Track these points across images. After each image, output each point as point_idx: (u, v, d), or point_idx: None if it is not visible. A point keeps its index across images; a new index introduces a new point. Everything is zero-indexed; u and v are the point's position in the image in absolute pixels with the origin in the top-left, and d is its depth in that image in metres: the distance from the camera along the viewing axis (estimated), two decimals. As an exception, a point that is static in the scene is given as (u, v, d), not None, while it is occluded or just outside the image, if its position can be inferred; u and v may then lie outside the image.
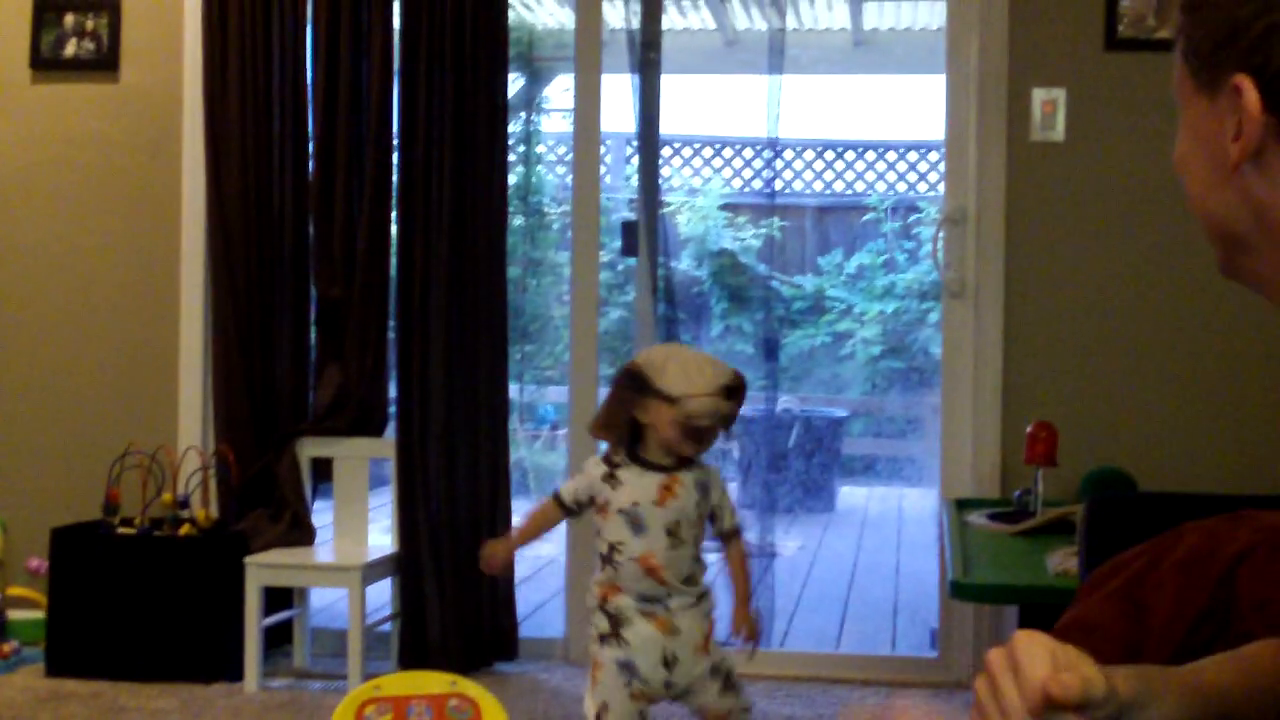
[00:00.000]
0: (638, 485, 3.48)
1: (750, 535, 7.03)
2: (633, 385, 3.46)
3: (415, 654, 4.94)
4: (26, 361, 5.39)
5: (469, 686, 1.90)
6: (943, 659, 5.07)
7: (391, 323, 5.12)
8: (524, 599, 5.49)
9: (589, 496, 3.54)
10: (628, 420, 3.48)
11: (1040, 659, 1.18)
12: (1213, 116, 1.17)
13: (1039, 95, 4.92)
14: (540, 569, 7.04)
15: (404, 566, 5.02)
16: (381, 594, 5.11)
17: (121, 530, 4.94)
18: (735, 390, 3.47)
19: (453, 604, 5.00)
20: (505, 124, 5.12)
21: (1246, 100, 1.12)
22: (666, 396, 3.40)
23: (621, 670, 3.42)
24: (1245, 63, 1.14)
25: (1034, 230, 4.95)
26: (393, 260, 5.10)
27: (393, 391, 5.14)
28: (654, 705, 3.52)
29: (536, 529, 3.71)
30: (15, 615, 5.10)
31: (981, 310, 4.97)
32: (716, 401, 3.41)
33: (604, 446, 3.66)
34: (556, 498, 3.60)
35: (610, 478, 3.50)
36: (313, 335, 5.20)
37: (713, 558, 3.65)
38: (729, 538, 3.59)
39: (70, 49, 5.34)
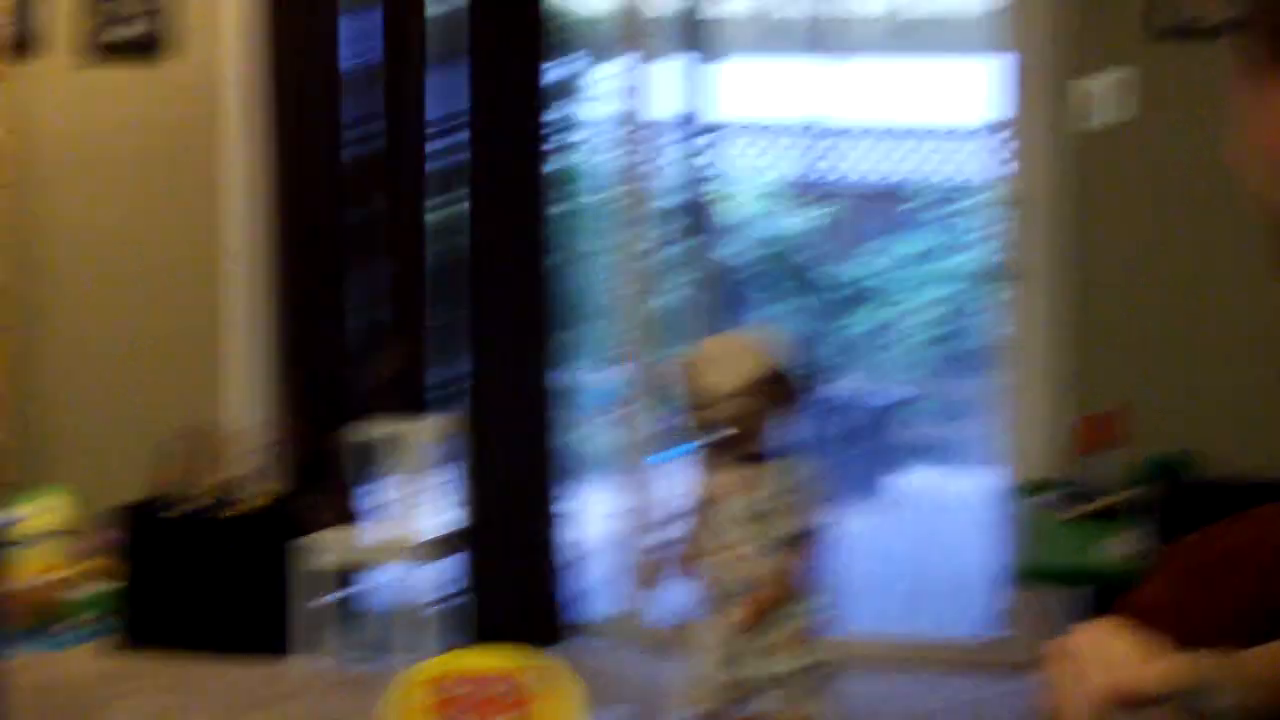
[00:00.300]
0: (721, 479, 3.40)
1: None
2: (680, 382, 3.45)
3: (481, 630, 4.96)
4: (95, 340, 5.44)
5: (531, 665, 1.91)
6: (1006, 641, 5.05)
7: (455, 301, 5.13)
8: (579, 579, 5.49)
9: (691, 489, 3.47)
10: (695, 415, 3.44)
11: (1124, 647, 1.17)
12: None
13: (1102, 76, 4.87)
14: (595, 549, 7.04)
15: (463, 546, 5.05)
16: (442, 573, 5.13)
17: (181, 508, 4.98)
18: (765, 385, 3.36)
19: (507, 584, 5.02)
20: (553, 108, 5.12)
21: None
22: (702, 395, 3.38)
23: (703, 656, 3.38)
24: None
25: (1094, 213, 4.91)
26: (458, 240, 5.11)
27: (456, 370, 5.15)
28: (736, 698, 3.39)
29: (677, 531, 3.53)
30: (83, 590, 5.15)
31: (1043, 294, 4.94)
32: (736, 403, 3.33)
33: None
34: (679, 495, 3.52)
35: (705, 469, 3.45)
36: (371, 317, 5.22)
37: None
38: (800, 537, 3.38)
39: (116, 34, 5.37)
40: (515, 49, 5.01)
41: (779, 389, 3.40)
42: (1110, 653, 1.17)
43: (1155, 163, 4.88)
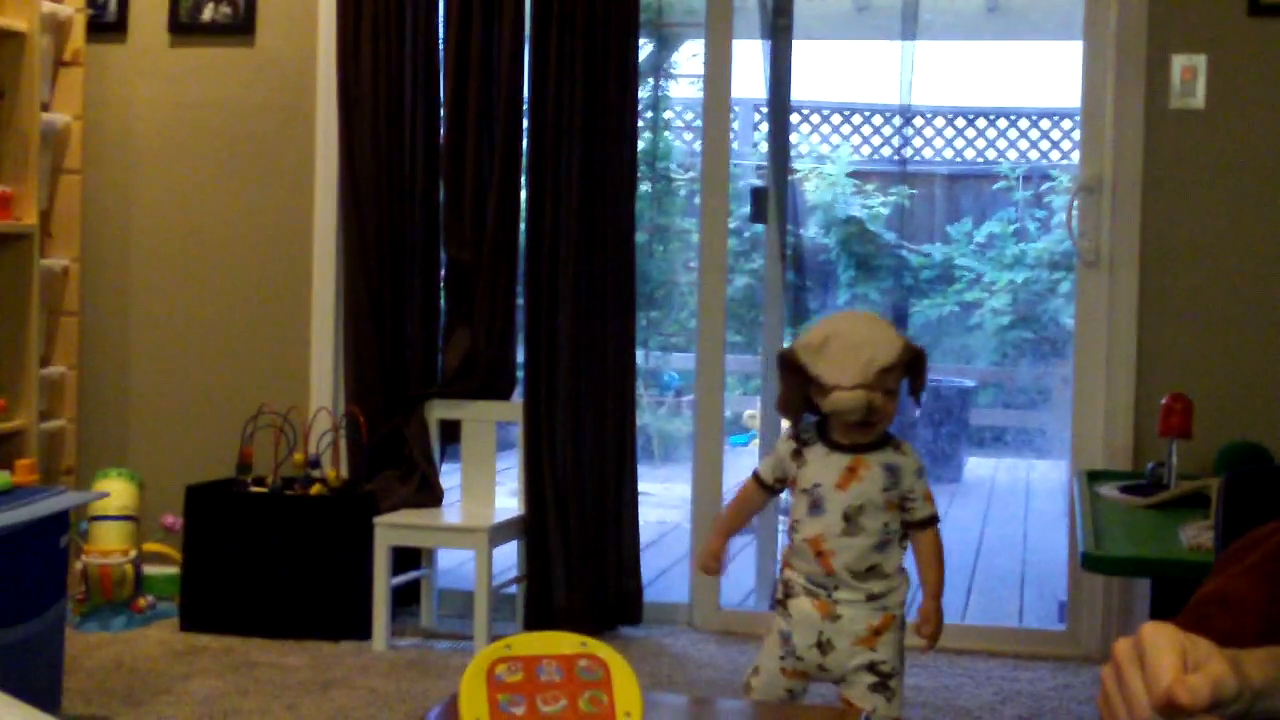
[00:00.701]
0: (822, 465, 3.27)
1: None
2: (789, 368, 3.27)
3: (540, 616, 4.98)
4: (163, 322, 5.49)
5: (599, 648, 1.90)
6: (1071, 632, 5.02)
7: (520, 287, 5.15)
8: (649, 564, 5.51)
9: (784, 473, 3.35)
10: (801, 400, 3.28)
11: (1169, 655, 1.14)
12: None
13: (1179, 62, 4.83)
14: (665, 534, 7.07)
15: (530, 529, 5.06)
16: (508, 556, 5.15)
17: (254, 489, 5.02)
18: (907, 366, 3.25)
19: (578, 567, 5.03)
20: (635, 89, 5.12)
21: None
22: (819, 384, 3.22)
23: (782, 641, 3.31)
24: None
25: (1171, 199, 4.86)
26: (522, 225, 5.12)
27: (520, 355, 5.17)
28: (809, 684, 3.37)
29: (742, 513, 3.53)
30: (151, 570, 5.20)
31: (1116, 280, 4.90)
32: (862, 396, 3.17)
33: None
34: (756, 477, 3.41)
35: (797, 455, 3.31)
36: (442, 298, 5.24)
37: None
38: (918, 527, 3.31)
39: (208, 14, 5.41)
40: (601, 28, 5.00)
41: (915, 372, 3.29)
42: (1159, 659, 1.14)
43: (1232, 147, 4.82)
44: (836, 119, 11.07)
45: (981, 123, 10.97)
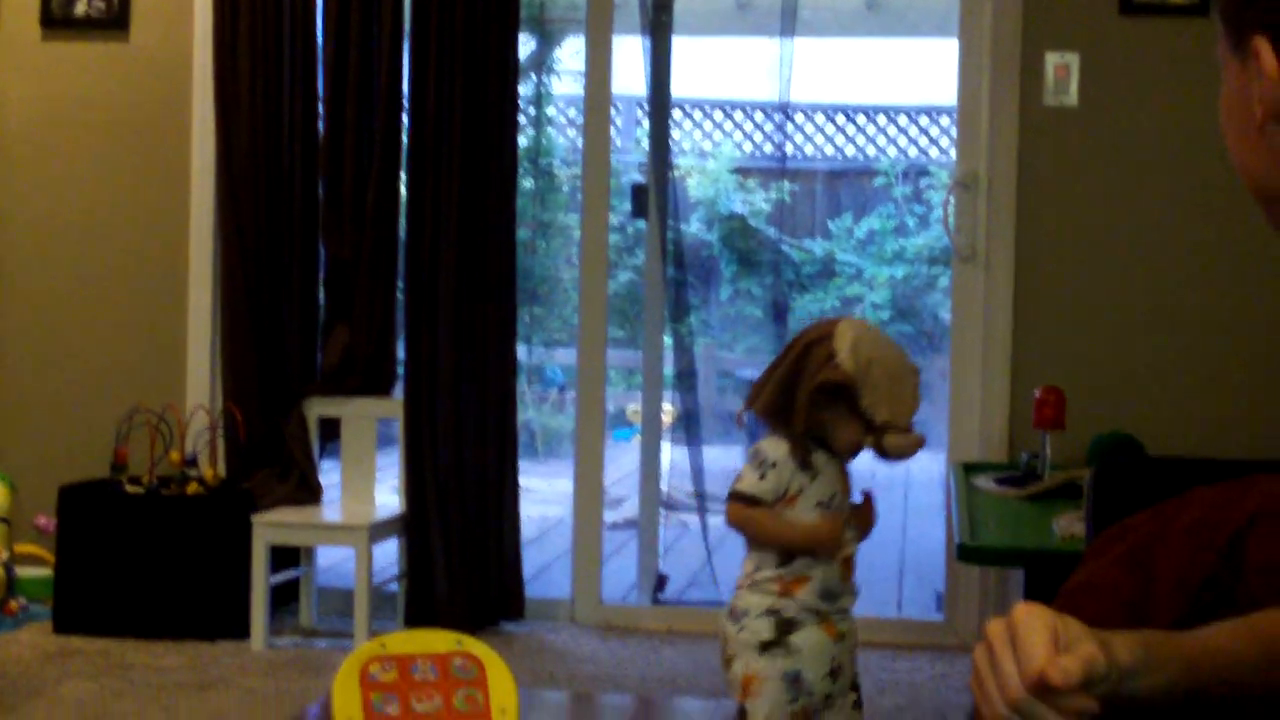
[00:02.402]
0: (831, 475, 3.03)
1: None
2: (832, 392, 2.94)
3: (421, 613, 4.96)
4: (35, 319, 5.39)
5: (474, 645, 1.90)
6: (949, 622, 5.08)
7: (400, 283, 5.12)
8: (531, 559, 5.50)
9: (784, 492, 3.00)
10: (813, 418, 2.97)
11: (1040, 635, 1.16)
12: (1243, 78, 1.16)
13: (1052, 60, 4.90)
14: (548, 530, 7.06)
15: (411, 526, 5.03)
16: (388, 553, 5.12)
17: (129, 488, 4.95)
18: None
19: (459, 564, 5.01)
20: (515, 85, 5.11)
21: (1264, 62, 1.11)
22: (869, 421, 2.96)
23: (788, 685, 2.96)
24: (1262, 23, 1.13)
25: (1046, 195, 4.94)
26: (402, 221, 5.10)
27: (401, 352, 5.14)
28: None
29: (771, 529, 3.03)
30: (23, 572, 5.11)
31: (992, 275, 4.96)
32: (921, 441, 2.98)
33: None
34: (756, 502, 2.99)
35: (807, 467, 3.00)
36: (321, 295, 5.20)
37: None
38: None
39: (80, 8, 5.32)
40: (481, 24, 4.98)
41: None
42: (1031, 640, 1.16)
43: (1105, 144, 4.91)
44: (719, 115, 11.13)
45: (861, 119, 11.08)
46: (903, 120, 11.03)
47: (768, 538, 3.00)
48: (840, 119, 11.05)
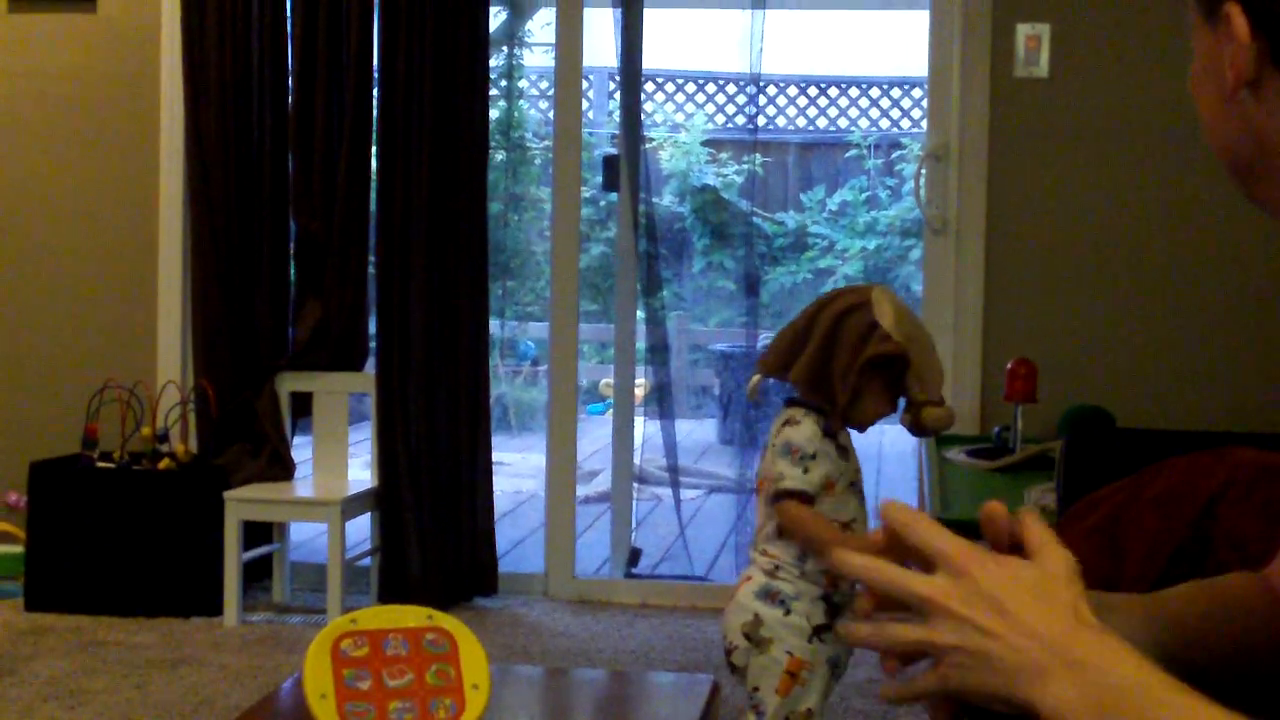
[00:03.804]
0: (855, 453, 2.99)
1: (730, 471, 7.06)
2: (887, 364, 2.87)
3: (394, 589, 4.95)
4: (4, 295, 5.36)
5: (445, 620, 1.89)
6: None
7: (371, 257, 5.10)
8: (504, 534, 5.50)
9: (826, 478, 2.92)
10: (851, 389, 2.89)
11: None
12: (1214, 45, 1.16)
13: (1023, 30, 4.89)
14: (521, 504, 7.06)
15: (383, 501, 5.02)
16: (361, 529, 5.11)
17: (100, 464, 4.93)
18: None
19: (432, 539, 5.00)
20: (486, 58, 5.09)
21: (1235, 27, 1.12)
22: (913, 397, 2.90)
23: (830, 669, 2.95)
24: None
25: (1016, 167, 4.94)
26: (373, 194, 5.07)
27: (372, 326, 5.13)
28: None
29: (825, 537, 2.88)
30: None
31: (963, 247, 4.96)
32: (952, 414, 2.93)
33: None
34: (805, 498, 2.89)
35: (841, 450, 2.94)
36: (292, 270, 5.18)
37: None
38: None
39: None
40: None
41: None
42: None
43: (1075, 115, 4.91)
44: (690, 88, 11.10)
45: (833, 91, 11.06)
46: (874, 93, 11.03)
47: (815, 546, 2.87)
48: (812, 91, 11.04)
